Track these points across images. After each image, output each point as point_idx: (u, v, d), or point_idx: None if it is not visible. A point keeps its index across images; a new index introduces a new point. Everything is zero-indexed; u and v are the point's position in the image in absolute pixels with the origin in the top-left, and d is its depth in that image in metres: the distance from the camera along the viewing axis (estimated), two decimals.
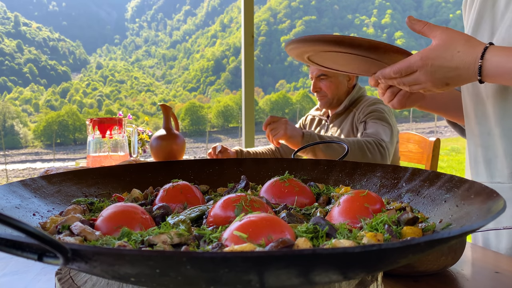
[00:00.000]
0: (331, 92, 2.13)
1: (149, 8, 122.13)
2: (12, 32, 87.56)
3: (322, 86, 2.14)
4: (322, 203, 0.75)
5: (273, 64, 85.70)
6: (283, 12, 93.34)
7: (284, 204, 0.70)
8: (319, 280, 0.36)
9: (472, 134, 1.03)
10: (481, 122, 0.98)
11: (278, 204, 0.72)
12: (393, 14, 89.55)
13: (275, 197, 0.74)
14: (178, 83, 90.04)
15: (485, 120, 0.97)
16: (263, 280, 0.34)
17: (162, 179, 0.88)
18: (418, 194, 0.70)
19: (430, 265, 0.68)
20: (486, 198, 0.53)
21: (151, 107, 74.61)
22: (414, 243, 0.34)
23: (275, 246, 0.43)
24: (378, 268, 0.41)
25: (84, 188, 0.80)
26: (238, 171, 0.94)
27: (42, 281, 0.69)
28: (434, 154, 2.02)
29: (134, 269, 0.34)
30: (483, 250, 0.86)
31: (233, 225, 0.49)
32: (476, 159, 1.02)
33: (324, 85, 2.14)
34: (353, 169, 0.86)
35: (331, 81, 2.12)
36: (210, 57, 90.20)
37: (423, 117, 48.92)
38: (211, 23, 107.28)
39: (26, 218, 0.62)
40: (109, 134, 1.61)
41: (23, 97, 72.56)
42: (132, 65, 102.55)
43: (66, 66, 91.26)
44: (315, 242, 0.51)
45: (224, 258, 0.31)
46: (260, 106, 59.31)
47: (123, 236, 0.53)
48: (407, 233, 0.54)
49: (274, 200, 0.74)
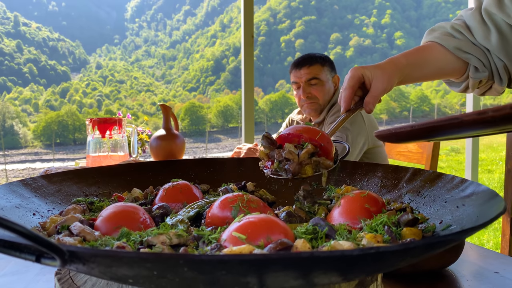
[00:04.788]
0: (322, 96, 2.08)
1: (148, 8, 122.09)
2: (12, 32, 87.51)
3: (313, 91, 2.09)
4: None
5: (272, 64, 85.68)
6: (283, 12, 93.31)
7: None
8: (318, 282, 0.35)
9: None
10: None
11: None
12: (393, 14, 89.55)
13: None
14: (178, 83, 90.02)
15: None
16: (261, 282, 0.34)
17: (162, 179, 0.88)
18: (418, 194, 0.70)
19: (432, 264, 0.68)
20: (486, 199, 0.53)
21: (150, 107, 74.59)
22: (412, 246, 0.34)
23: (274, 248, 0.43)
24: (376, 271, 0.40)
25: (85, 187, 0.80)
26: (239, 171, 0.93)
27: (41, 281, 0.69)
28: (433, 154, 2.02)
29: (131, 271, 0.34)
30: (483, 250, 0.86)
31: (232, 226, 0.49)
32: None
33: (315, 90, 2.08)
34: (354, 169, 0.85)
35: (322, 84, 2.08)
36: (210, 57, 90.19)
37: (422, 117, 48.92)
38: (211, 23, 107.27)
39: (26, 217, 0.62)
40: (109, 134, 1.61)
41: (23, 97, 72.53)
42: (132, 65, 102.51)
43: (66, 66, 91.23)
44: (314, 243, 0.50)
45: (221, 260, 0.31)
46: (260, 106, 59.29)
47: (122, 236, 0.53)
48: (407, 235, 0.53)
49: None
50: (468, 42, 1.02)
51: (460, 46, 1.01)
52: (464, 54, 1.01)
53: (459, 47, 1.01)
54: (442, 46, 1.02)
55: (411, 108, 54.48)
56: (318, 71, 2.08)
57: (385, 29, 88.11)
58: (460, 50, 1.01)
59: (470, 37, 1.02)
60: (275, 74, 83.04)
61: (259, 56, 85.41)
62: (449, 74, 1.06)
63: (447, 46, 1.02)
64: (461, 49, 1.01)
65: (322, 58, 2.12)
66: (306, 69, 2.08)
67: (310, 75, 2.08)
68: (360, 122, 1.98)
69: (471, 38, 1.02)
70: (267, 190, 0.87)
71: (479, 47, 1.01)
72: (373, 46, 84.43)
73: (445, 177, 0.67)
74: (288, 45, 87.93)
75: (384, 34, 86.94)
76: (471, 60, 1.01)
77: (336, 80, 2.16)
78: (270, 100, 60.93)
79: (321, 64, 2.09)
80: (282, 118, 52.61)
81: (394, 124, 43.23)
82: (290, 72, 2.17)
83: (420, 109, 58.30)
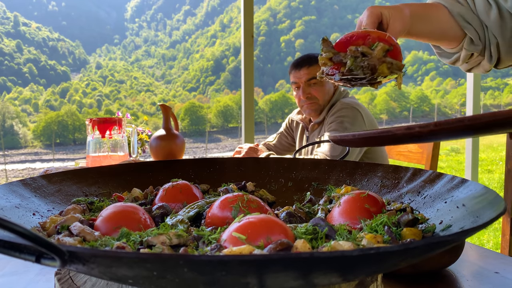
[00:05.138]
0: (322, 97, 2.08)
1: (148, 8, 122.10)
2: (12, 32, 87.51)
3: (313, 91, 2.08)
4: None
5: (272, 64, 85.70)
6: (283, 12, 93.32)
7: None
8: (318, 283, 0.35)
9: None
10: None
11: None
12: None
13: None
14: (178, 83, 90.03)
15: None
16: (261, 282, 0.34)
17: (162, 179, 0.88)
18: (419, 194, 0.70)
19: (432, 264, 0.68)
20: (486, 199, 0.53)
21: (150, 107, 74.60)
22: (412, 247, 0.34)
23: (274, 248, 0.43)
24: (376, 271, 0.40)
25: (84, 187, 0.80)
26: (239, 171, 0.93)
27: (41, 281, 0.69)
28: (433, 154, 2.02)
29: (131, 271, 0.34)
30: (483, 250, 0.86)
31: (232, 226, 0.49)
32: None
33: (315, 90, 2.08)
34: (354, 169, 0.85)
35: (322, 85, 2.06)
36: (210, 57, 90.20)
37: (423, 117, 48.95)
38: (211, 23, 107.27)
39: (26, 217, 0.62)
40: (109, 134, 1.61)
41: (23, 97, 72.52)
42: (132, 65, 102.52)
43: (66, 66, 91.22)
44: (314, 244, 0.50)
45: (221, 261, 0.31)
46: (260, 106, 59.31)
47: (122, 236, 0.53)
48: (407, 235, 0.53)
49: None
50: (471, 11, 1.02)
51: (463, 14, 1.02)
52: (465, 23, 1.02)
53: (463, 15, 1.02)
54: (447, 9, 1.03)
55: (411, 108, 54.48)
56: (317, 72, 2.08)
57: None
58: (462, 18, 1.02)
59: (473, 7, 1.03)
60: (275, 74, 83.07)
61: (259, 56, 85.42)
62: (445, 39, 1.06)
63: (451, 11, 1.02)
64: (464, 17, 1.01)
65: None
66: (305, 70, 2.08)
67: (309, 76, 2.07)
68: (360, 122, 1.98)
69: (474, 9, 1.03)
70: (267, 190, 0.87)
71: (479, 20, 1.02)
72: None
73: (445, 177, 0.67)
74: (288, 45, 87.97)
75: None
76: (469, 31, 1.02)
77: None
78: (270, 100, 60.96)
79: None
80: (282, 118, 52.63)
81: (394, 124, 43.15)
82: (289, 72, 2.17)
83: (420, 109, 58.30)
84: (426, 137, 0.50)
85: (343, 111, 1.98)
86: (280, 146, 2.36)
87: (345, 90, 2.15)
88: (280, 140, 2.36)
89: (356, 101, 2.08)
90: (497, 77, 60.57)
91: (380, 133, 0.51)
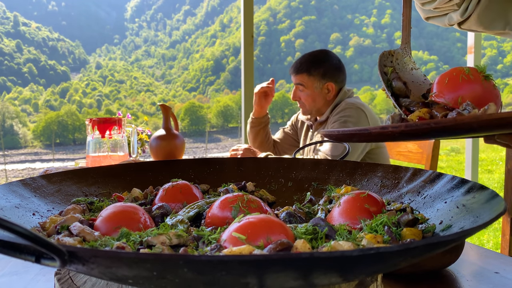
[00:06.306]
0: (308, 103, 2.10)
1: (148, 8, 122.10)
2: (12, 32, 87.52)
3: (301, 96, 2.11)
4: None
5: (272, 64, 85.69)
6: (283, 12, 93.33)
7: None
8: (318, 283, 0.35)
9: None
10: None
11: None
12: (393, 14, 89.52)
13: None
14: (178, 83, 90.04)
15: None
16: (261, 282, 0.34)
17: (162, 179, 0.88)
18: (418, 194, 0.70)
19: (432, 264, 0.68)
20: (486, 199, 0.53)
21: (150, 107, 74.63)
22: (412, 247, 0.34)
23: (274, 248, 0.43)
24: (376, 271, 0.40)
25: (84, 187, 0.80)
26: (239, 171, 0.93)
27: (41, 281, 0.69)
28: (433, 154, 2.02)
29: (131, 271, 0.34)
30: (483, 250, 0.86)
31: (232, 226, 0.49)
32: None
33: (302, 95, 2.10)
34: (354, 169, 0.85)
35: (307, 93, 2.08)
36: (210, 57, 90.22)
37: None
38: (211, 23, 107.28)
39: (25, 217, 0.62)
40: (109, 134, 1.61)
41: (23, 97, 72.54)
42: (132, 65, 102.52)
43: (66, 66, 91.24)
44: (314, 244, 0.50)
45: (221, 261, 0.31)
46: None
47: (122, 236, 0.53)
48: (407, 235, 0.53)
49: None
50: None
51: None
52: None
53: None
54: None
55: None
56: (303, 80, 2.08)
57: (385, 29, 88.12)
58: None
59: None
60: (275, 74, 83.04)
61: (259, 56, 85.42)
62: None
63: None
64: None
65: (314, 66, 2.07)
66: (293, 77, 2.13)
67: (296, 82, 2.11)
68: (364, 122, 1.99)
69: None
70: (267, 190, 0.87)
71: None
72: (373, 46, 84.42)
73: (445, 177, 0.67)
74: (288, 45, 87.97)
75: (384, 34, 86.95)
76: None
77: (331, 87, 2.08)
78: None
79: (308, 73, 2.06)
80: (282, 118, 52.57)
81: None
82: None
83: None
84: (398, 137, 0.54)
85: (347, 111, 1.99)
86: (285, 140, 2.38)
87: (350, 90, 2.16)
88: (285, 135, 2.39)
89: (361, 101, 2.09)
90: (497, 77, 60.60)
91: (359, 131, 0.57)
